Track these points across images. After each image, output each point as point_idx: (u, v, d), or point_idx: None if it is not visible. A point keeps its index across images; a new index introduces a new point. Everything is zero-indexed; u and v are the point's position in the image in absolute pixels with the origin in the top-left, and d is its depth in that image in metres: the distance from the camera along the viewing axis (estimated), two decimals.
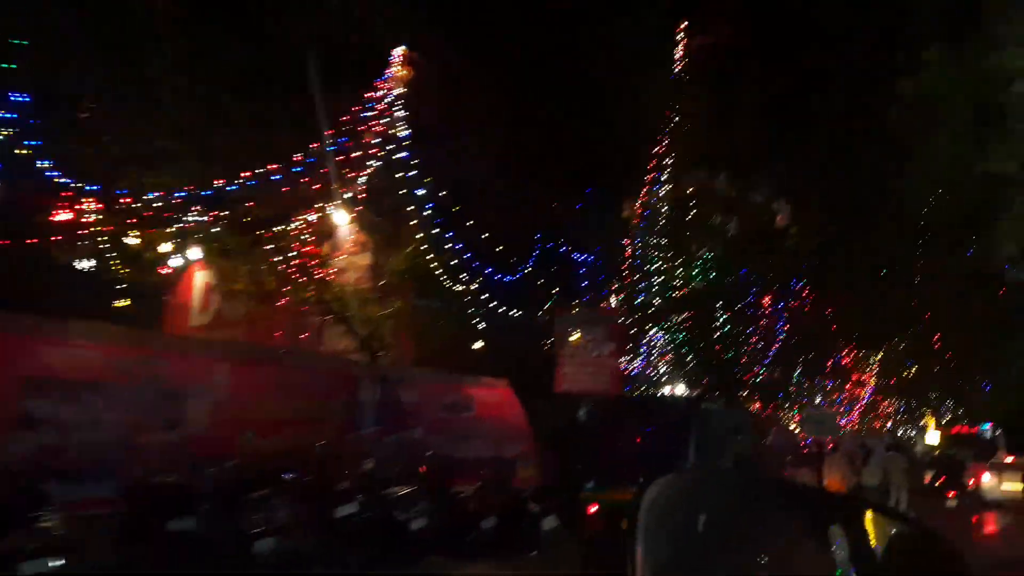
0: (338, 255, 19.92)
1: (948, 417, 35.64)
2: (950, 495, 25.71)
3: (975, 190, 15.31)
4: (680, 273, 15.90)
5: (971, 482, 27.49)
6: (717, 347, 18.13)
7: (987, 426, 44.24)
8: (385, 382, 13.65)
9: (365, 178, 10.55)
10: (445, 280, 12.38)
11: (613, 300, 14.04)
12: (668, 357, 18.14)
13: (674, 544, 1.68)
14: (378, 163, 10.48)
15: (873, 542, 1.84)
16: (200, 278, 21.41)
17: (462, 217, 11.30)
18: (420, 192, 10.78)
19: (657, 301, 15.20)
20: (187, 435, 9.63)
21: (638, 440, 12.62)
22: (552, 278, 12.50)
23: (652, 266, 15.10)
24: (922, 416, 35.61)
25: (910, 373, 25.79)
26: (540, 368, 12.37)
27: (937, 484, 28.37)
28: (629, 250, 14.67)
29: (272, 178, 10.10)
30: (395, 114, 10.26)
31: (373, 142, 10.29)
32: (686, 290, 17.93)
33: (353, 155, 10.29)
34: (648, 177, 14.78)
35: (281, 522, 7.43)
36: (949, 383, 27.32)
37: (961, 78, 12.69)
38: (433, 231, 11.38)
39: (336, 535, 7.83)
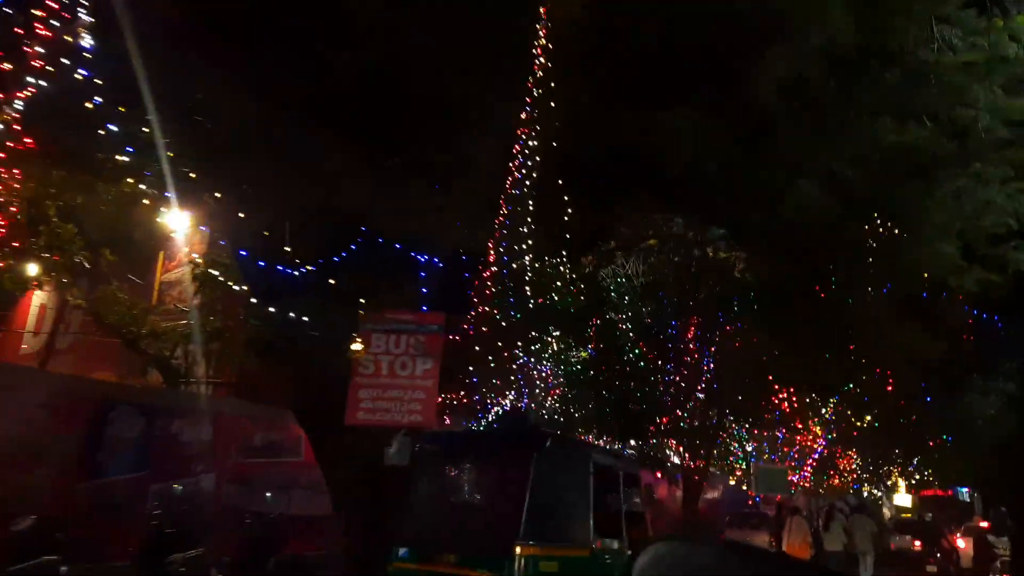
0: (174, 266, 17.04)
1: (917, 477, 32.77)
2: (930, 562, 24.16)
3: (898, 184, 12.92)
4: (566, 293, 13.16)
5: (959, 547, 25.78)
6: (618, 382, 15.15)
7: (964, 489, 41.64)
8: (159, 414, 10.58)
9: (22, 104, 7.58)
10: (228, 282, 9.44)
11: (473, 313, 11.24)
12: (558, 392, 15.25)
13: None
14: (44, 83, 7.53)
15: None
16: (36, 298, 18.70)
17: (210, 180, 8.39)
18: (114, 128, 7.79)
19: (519, 317, 12.28)
20: None
21: (465, 494, 9.55)
22: (370, 278, 9.59)
23: (526, 275, 12.29)
24: (888, 474, 32.64)
25: (864, 424, 22.95)
26: (343, 394, 9.36)
27: (914, 549, 26.24)
28: (492, 254, 11.82)
29: None
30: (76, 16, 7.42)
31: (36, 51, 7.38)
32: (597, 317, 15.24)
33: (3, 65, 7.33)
34: (513, 164, 12.04)
35: None
36: (911, 436, 24.70)
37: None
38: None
39: None
